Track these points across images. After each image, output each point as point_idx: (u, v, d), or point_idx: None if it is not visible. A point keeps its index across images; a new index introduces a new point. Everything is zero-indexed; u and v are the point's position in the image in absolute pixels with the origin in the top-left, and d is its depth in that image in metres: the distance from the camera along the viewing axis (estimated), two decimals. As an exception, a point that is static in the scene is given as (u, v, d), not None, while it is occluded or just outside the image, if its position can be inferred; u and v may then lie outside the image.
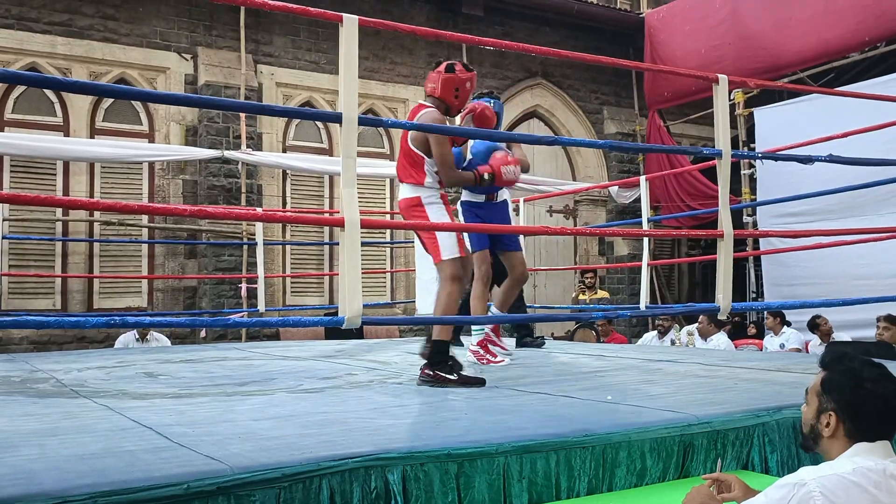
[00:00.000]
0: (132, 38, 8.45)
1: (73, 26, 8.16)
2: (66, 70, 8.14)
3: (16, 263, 7.70)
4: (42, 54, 8.02)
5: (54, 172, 8.10)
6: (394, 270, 9.79)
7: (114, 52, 8.34)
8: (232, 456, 1.98)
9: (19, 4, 7.92)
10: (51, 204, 6.47)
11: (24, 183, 7.91)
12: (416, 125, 3.55)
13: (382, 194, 9.85)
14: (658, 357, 4.93)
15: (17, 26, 7.89)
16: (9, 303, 7.54)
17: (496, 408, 2.90)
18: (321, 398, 3.25)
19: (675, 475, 2.44)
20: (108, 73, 8.37)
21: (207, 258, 8.52)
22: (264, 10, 2.72)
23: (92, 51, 8.23)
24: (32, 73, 6.77)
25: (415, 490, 2.04)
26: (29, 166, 7.96)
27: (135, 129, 8.57)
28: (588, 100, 11.43)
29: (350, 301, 2.69)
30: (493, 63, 10.58)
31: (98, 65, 8.31)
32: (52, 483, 1.70)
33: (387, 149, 9.95)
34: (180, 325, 7.97)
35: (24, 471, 1.84)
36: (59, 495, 1.61)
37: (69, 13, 8.15)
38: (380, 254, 9.80)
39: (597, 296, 9.24)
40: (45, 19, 8.03)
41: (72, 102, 8.20)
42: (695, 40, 10.06)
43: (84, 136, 8.19)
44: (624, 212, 11.09)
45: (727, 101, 3.77)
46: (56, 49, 8.06)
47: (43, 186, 8.01)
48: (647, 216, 6.31)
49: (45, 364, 4.96)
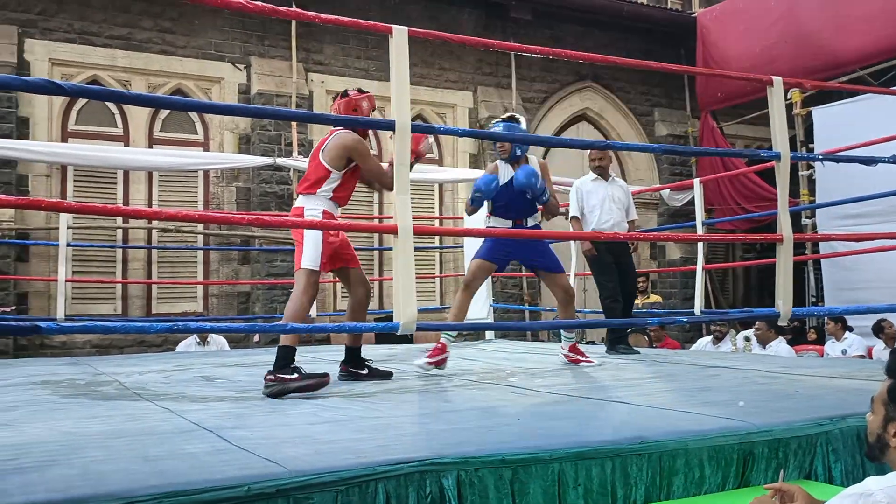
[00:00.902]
0: (188, 49, 8.66)
1: (133, 39, 8.41)
2: (126, 82, 8.39)
3: (79, 270, 7.94)
4: (103, 67, 8.27)
5: (115, 181, 8.35)
6: (443, 276, 9.82)
7: (171, 63, 8.57)
8: (289, 459, 2.01)
9: (81, 19, 8.19)
10: (118, 214, 6.68)
11: (86, 192, 8.17)
12: (471, 132, 3.54)
13: (431, 199, 9.90)
14: (714, 363, 4.83)
15: (79, 40, 8.16)
16: (72, 308, 7.77)
17: (549, 413, 2.89)
18: (373, 402, 3.28)
19: (735, 484, 2.39)
20: (165, 85, 8.59)
21: (260, 264, 8.67)
22: (315, 21, 2.77)
23: (150, 63, 8.46)
24: (97, 87, 6.99)
25: (469, 495, 2.04)
26: (91, 176, 8.22)
27: (190, 138, 8.78)
28: (639, 102, 11.31)
29: (404, 307, 2.71)
30: (543, 67, 10.54)
31: (156, 76, 8.54)
32: (119, 484, 1.75)
33: (434, 154, 9.99)
34: (239, 331, 8.12)
35: (93, 471, 1.90)
36: (125, 496, 1.65)
37: (129, 27, 8.39)
38: (429, 259, 9.84)
39: (649, 300, 9.11)
40: (106, 33, 8.29)
41: (131, 113, 8.44)
42: (749, 40, 9.87)
43: (143, 145, 8.43)
44: (676, 215, 10.93)
45: (783, 103, 3.70)
46: (116, 62, 8.32)
47: (104, 195, 8.25)
48: (702, 219, 6.21)
49: (108, 367, 5.11)
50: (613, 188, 5.72)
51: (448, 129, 3.51)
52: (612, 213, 5.63)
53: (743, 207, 9.92)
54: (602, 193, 5.66)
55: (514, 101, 10.06)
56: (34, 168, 7.88)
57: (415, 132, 2.97)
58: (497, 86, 10.13)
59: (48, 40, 8.03)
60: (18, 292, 7.70)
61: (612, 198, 5.66)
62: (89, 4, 8.23)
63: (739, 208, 9.96)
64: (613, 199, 5.66)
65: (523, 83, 10.34)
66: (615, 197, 5.68)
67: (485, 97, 10.08)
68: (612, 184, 5.74)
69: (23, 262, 7.78)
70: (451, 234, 8.91)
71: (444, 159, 10.02)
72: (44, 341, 7.73)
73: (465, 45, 9.73)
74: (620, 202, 5.69)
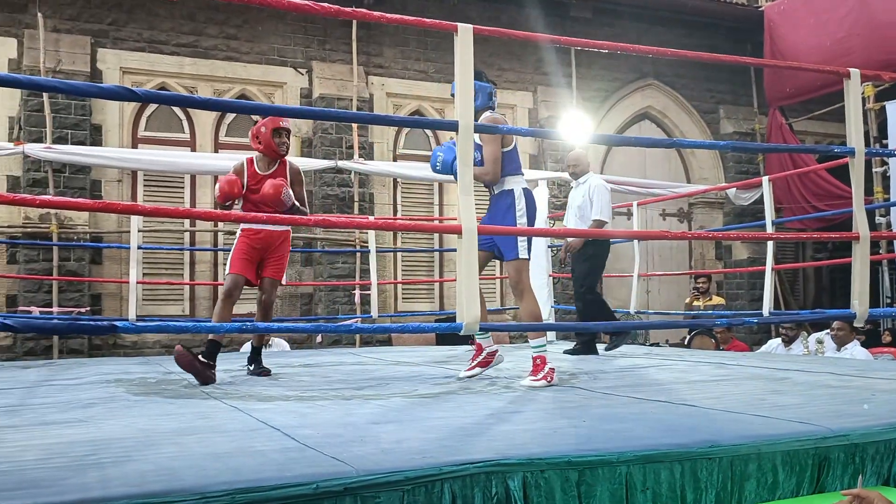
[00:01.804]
0: (252, 55, 8.84)
1: (199, 47, 8.63)
2: (193, 88, 8.61)
3: (148, 272, 8.19)
4: (171, 74, 8.52)
5: (182, 185, 8.58)
6: (503, 276, 9.78)
7: (235, 69, 8.76)
8: (356, 458, 2.02)
9: (150, 28, 8.44)
10: (189, 216, 6.92)
11: (156, 195, 8.42)
12: (532, 131, 3.52)
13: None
14: (784, 366, 4.70)
15: (148, 49, 8.42)
16: (142, 308, 8.01)
17: (615, 416, 2.84)
18: (437, 403, 3.28)
19: (810, 490, 2.32)
20: (230, 90, 8.79)
21: (322, 265, 8.79)
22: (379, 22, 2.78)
23: (215, 69, 8.67)
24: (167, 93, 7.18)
25: (535, 497, 2.02)
26: (160, 180, 8.46)
27: (255, 142, 8.95)
28: (703, 99, 11.07)
29: (468, 307, 2.70)
30: (603, 65, 10.43)
31: (221, 82, 8.75)
32: (193, 480, 1.79)
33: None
34: (305, 331, 8.26)
35: (166, 468, 1.94)
36: (198, 492, 1.69)
37: (195, 35, 8.62)
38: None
39: (711, 302, 8.90)
40: (174, 41, 8.53)
41: (198, 119, 8.67)
42: (819, 33, 9.56)
43: (209, 150, 8.65)
44: (742, 214, 10.66)
45: (860, 96, 3.57)
46: (183, 69, 8.55)
47: (173, 198, 8.49)
48: (771, 218, 6.04)
49: (177, 366, 5.23)
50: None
51: (511, 128, 3.49)
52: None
53: (813, 206, 9.62)
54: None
55: (574, 100, 9.97)
56: (107, 173, 8.16)
57: (478, 132, 2.96)
58: (557, 85, 10.05)
59: (119, 49, 8.31)
60: (92, 293, 7.98)
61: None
62: (157, 14, 8.48)
63: (810, 206, 9.65)
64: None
65: (584, 82, 10.23)
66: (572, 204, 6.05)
67: (545, 97, 10.01)
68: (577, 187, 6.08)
69: (96, 265, 8.06)
70: (512, 234, 8.86)
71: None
72: (116, 341, 8.00)
73: (526, 45, 9.73)
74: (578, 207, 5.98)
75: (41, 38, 7.81)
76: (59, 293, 7.65)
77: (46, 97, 7.70)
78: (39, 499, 1.64)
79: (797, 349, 7.64)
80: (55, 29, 8.01)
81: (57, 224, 7.67)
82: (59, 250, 7.65)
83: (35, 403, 3.49)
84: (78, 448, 2.27)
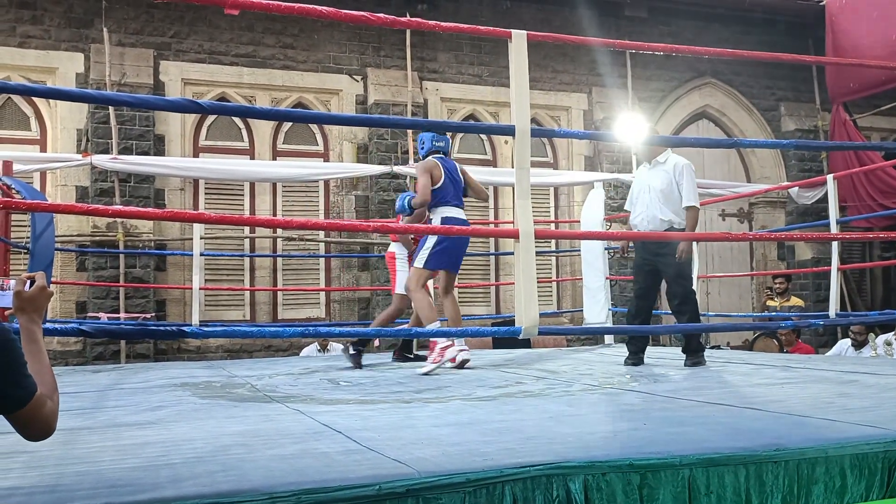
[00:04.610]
0: (308, 64, 9.00)
1: (257, 57, 8.82)
2: (251, 98, 8.81)
3: (210, 278, 8.39)
4: (230, 84, 8.73)
5: (242, 193, 8.78)
6: (560, 279, 9.74)
7: (292, 78, 8.93)
8: (417, 460, 2.05)
9: (210, 40, 8.67)
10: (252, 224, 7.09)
11: (216, 203, 8.63)
12: (588, 134, 3.52)
13: (547, 203, 9.84)
14: (852, 368, 4.57)
15: (208, 60, 8.64)
16: (205, 314, 8.22)
17: (677, 419, 2.81)
18: (496, 406, 3.29)
19: (880, 495, 2.26)
20: (287, 99, 8.97)
21: (379, 270, 8.86)
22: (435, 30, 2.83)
23: (273, 79, 8.85)
24: (230, 104, 7.37)
25: (597, 500, 2.02)
26: (220, 188, 8.67)
27: (311, 149, 9.12)
28: (763, 97, 10.83)
29: (527, 311, 2.70)
30: (659, 65, 10.29)
31: (278, 91, 8.93)
32: (261, 480, 1.84)
33: (550, 157, 9.94)
34: (366, 335, 8.35)
35: (235, 468, 2.00)
36: (267, 492, 1.73)
37: (253, 45, 8.81)
38: (545, 263, 9.79)
39: (788, 303, 8.62)
40: (233, 52, 8.74)
41: (256, 128, 8.86)
42: (884, 26, 9.26)
43: (267, 158, 8.83)
44: (805, 213, 10.39)
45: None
46: (242, 79, 8.75)
47: (233, 206, 8.69)
48: (836, 217, 5.88)
49: (240, 371, 5.37)
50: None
51: (567, 132, 3.48)
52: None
53: (880, 204, 9.32)
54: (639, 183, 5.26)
55: (629, 100, 9.87)
56: (170, 182, 8.40)
57: (534, 136, 2.97)
58: (612, 86, 9.96)
59: (181, 61, 8.55)
60: (157, 300, 8.22)
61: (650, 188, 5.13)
62: (217, 26, 8.70)
63: (877, 205, 9.36)
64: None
65: (639, 82, 10.12)
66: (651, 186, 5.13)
67: (600, 98, 9.93)
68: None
69: (160, 272, 8.30)
70: (571, 237, 8.83)
71: (559, 162, 9.95)
72: (181, 345, 8.22)
73: (579, 47, 9.68)
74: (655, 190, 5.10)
75: (107, 52, 8.09)
76: (126, 299, 7.91)
77: (112, 110, 7.98)
78: (115, 498, 1.71)
79: (866, 352, 7.42)
80: (120, 43, 8.29)
81: (123, 232, 7.93)
82: (125, 258, 7.90)
83: (108, 406, 3.62)
84: (150, 449, 2.35)
